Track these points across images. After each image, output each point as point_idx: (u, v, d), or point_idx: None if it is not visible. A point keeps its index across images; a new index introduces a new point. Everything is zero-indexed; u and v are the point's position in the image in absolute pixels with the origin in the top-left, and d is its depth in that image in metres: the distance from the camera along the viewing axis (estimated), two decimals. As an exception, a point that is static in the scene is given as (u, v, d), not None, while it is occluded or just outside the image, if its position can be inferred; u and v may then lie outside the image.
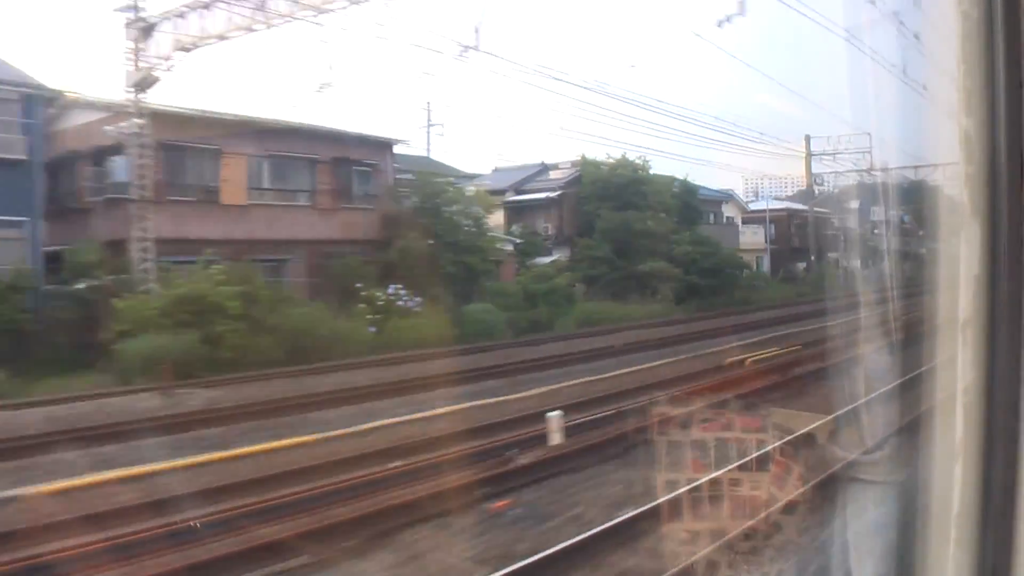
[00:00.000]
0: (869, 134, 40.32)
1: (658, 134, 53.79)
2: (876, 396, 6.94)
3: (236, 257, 22.23)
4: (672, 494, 7.67)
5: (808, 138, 43.69)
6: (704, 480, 7.94)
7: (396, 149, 28.69)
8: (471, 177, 34.77)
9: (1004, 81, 1.20)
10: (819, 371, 13.31)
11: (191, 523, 6.62)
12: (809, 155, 44.26)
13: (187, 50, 18.65)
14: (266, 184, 23.82)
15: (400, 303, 23.40)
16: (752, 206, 51.23)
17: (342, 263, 23.94)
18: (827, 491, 6.93)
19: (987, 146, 1.21)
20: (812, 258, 45.11)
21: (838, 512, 5.23)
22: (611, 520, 6.88)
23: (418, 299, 23.75)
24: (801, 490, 6.85)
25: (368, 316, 22.43)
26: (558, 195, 34.51)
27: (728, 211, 48.11)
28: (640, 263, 31.86)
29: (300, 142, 24.13)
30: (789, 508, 6.78)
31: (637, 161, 34.71)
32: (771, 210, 49.25)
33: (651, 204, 33.61)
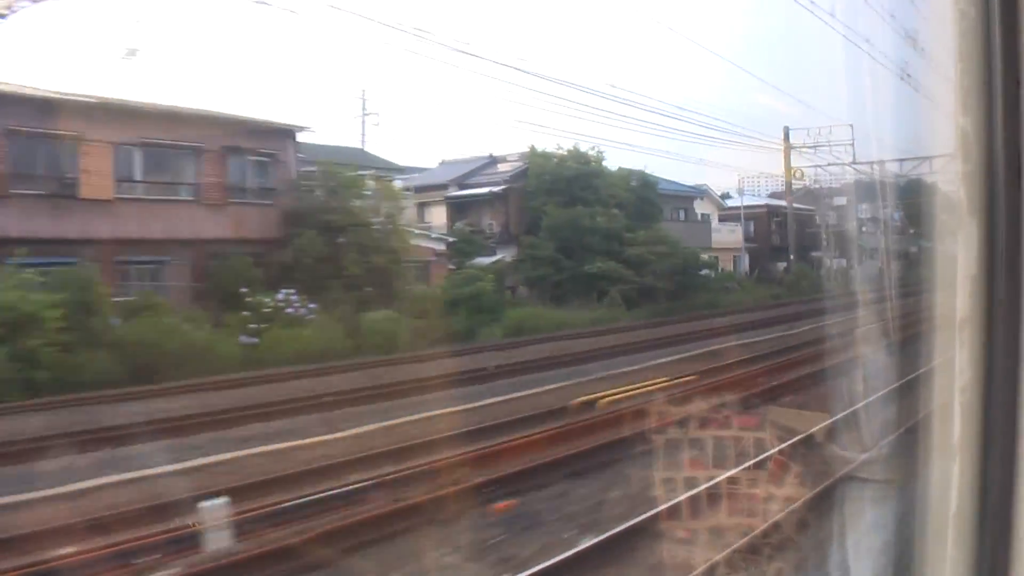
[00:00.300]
0: (851, 125, 37.45)
1: (651, 132, 50.89)
2: (872, 400, 6.55)
3: (102, 259, 19.58)
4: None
5: (787, 130, 40.69)
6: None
7: (320, 139, 26.16)
8: (402, 170, 31.86)
9: (1001, 79, 1.19)
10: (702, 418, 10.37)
11: None
12: (788, 148, 41.20)
13: (3, 16, 15.91)
14: (138, 176, 21.05)
15: (290, 310, 20.68)
16: (731, 202, 48.12)
17: (227, 265, 21.20)
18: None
19: (984, 144, 1.21)
20: (792, 257, 42.05)
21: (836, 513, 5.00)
22: None
23: (312, 306, 21.03)
24: None
25: (250, 325, 19.72)
26: (503, 189, 31.65)
27: (704, 208, 45.07)
28: (588, 263, 29.01)
29: (181, 128, 21.32)
30: None
31: (590, 152, 31.86)
32: (749, 207, 46.18)
33: (603, 199, 30.72)
